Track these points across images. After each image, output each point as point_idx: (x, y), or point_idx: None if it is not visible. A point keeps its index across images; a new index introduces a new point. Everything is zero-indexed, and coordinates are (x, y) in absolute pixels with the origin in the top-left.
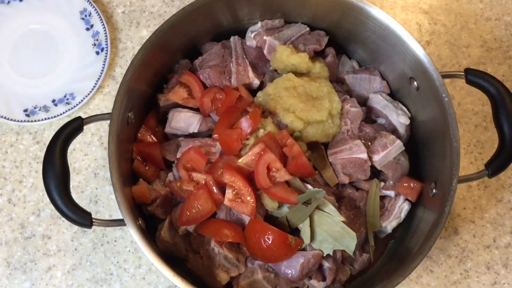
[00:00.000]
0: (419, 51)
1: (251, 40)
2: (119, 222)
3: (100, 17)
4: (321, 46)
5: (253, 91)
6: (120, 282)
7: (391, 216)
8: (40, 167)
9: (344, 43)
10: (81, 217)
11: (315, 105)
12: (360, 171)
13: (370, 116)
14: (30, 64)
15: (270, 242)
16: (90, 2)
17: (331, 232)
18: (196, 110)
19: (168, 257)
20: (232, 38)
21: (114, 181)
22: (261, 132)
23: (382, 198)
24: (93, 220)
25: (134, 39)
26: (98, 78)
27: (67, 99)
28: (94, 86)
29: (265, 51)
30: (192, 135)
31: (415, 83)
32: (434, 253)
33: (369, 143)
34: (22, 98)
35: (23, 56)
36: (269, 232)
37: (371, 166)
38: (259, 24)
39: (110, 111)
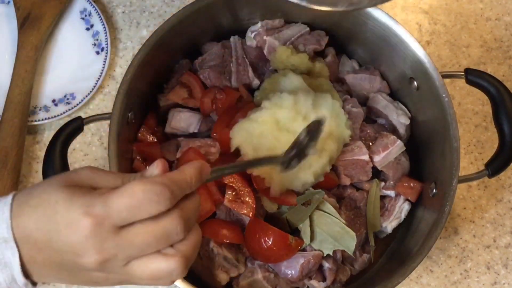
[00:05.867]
0: (419, 51)
1: (251, 40)
2: None
3: (100, 17)
4: (321, 46)
5: (253, 91)
6: None
7: (391, 216)
8: (40, 167)
9: (344, 43)
10: None
11: None
12: (361, 172)
13: (370, 116)
14: None
15: (270, 243)
16: (90, 2)
17: (331, 232)
18: (196, 110)
19: None
20: (232, 38)
21: None
22: None
23: (382, 198)
24: None
25: (134, 39)
26: (98, 78)
27: (67, 99)
28: (94, 86)
29: (265, 51)
30: (192, 135)
31: (415, 83)
32: (434, 253)
33: (370, 144)
34: None
35: None
36: (270, 232)
37: (372, 166)
38: (259, 24)
39: (110, 111)
